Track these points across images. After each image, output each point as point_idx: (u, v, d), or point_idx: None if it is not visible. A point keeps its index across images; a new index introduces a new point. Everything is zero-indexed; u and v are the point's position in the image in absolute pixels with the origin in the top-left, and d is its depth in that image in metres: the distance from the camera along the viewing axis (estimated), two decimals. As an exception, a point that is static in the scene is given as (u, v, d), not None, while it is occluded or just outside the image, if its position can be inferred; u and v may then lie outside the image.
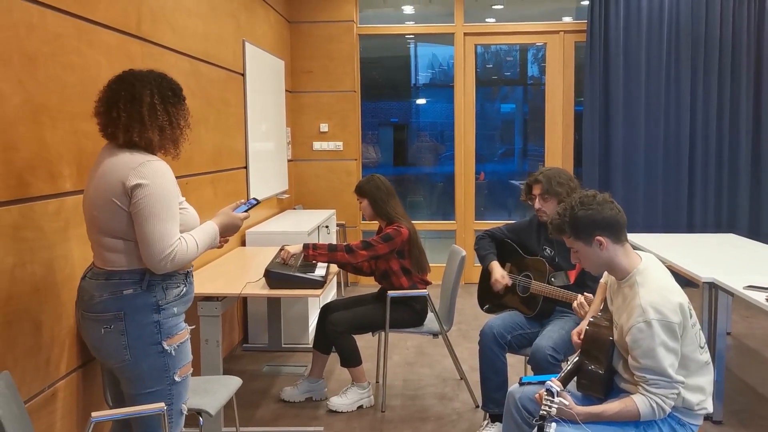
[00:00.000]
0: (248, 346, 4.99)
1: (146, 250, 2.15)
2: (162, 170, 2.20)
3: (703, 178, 6.49)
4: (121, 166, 2.18)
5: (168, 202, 2.18)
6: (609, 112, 6.49)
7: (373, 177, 3.96)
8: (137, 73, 2.28)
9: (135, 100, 2.20)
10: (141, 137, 2.21)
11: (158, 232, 2.14)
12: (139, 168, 2.17)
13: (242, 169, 5.07)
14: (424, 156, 7.75)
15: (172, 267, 2.19)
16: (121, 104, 2.20)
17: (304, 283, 3.41)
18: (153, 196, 2.15)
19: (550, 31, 6.81)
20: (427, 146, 7.76)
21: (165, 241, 2.15)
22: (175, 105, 2.29)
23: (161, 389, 2.27)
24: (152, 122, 2.21)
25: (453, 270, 3.95)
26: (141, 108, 2.20)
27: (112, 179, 2.18)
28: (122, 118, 2.20)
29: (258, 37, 5.49)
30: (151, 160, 2.20)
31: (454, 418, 3.75)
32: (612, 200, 2.38)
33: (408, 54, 7.73)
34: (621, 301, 2.36)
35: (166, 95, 2.26)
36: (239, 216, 2.52)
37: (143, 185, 2.15)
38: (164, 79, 2.29)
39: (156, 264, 2.16)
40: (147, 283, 2.22)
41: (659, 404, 2.21)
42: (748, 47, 6.35)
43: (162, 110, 2.23)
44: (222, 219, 2.47)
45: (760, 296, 3.12)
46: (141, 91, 2.21)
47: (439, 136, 7.75)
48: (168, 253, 2.15)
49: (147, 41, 3.40)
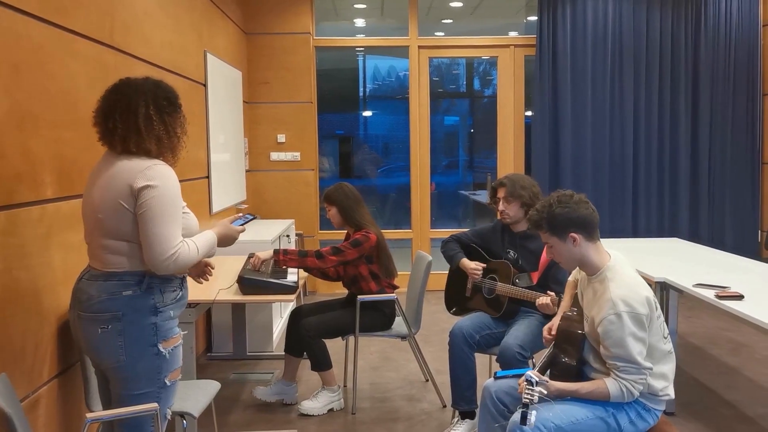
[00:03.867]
0: (213, 355, 5.00)
1: (150, 250, 2.19)
2: (168, 174, 2.26)
3: (646, 186, 6.81)
4: (129, 170, 2.22)
5: (174, 204, 2.23)
6: (557, 123, 6.76)
7: (341, 185, 4.06)
8: (132, 82, 2.31)
9: (131, 112, 2.24)
10: (138, 148, 2.25)
11: (164, 233, 2.19)
12: (146, 171, 2.22)
13: (205, 179, 5.10)
14: (366, 168, 7.89)
15: (174, 268, 2.24)
16: (117, 115, 2.24)
17: (277, 288, 3.47)
18: (161, 198, 2.20)
19: (501, 45, 7.06)
20: (368, 158, 7.91)
21: (170, 242, 2.20)
22: (171, 114, 2.33)
23: (151, 391, 2.30)
24: (149, 133, 2.26)
25: (420, 274, 4.07)
26: (137, 119, 2.24)
27: (119, 182, 2.22)
28: (119, 130, 2.24)
29: (218, 49, 5.54)
30: (157, 164, 2.25)
31: (424, 417, 3.86)
32: (587, 201, 2.56)
33: (357, 66, 7.86)
34: (592, 295, 2.53)
35: (161, 105, 2.30)
36: (237, 229, 2.58)
37: (152, 186, 2.19)
38: (160, 88, 2.33)
39: (159, 264, 2.21)
40: (146, 285, 2.27)
41: (628, 388, 2.39)
42: (686, 61, 6.72)
43: (158, 120, 2.28)
44: (221, 230, 2.52)
45: (709, 293, 3.34)
46: (136, 101, 2.25)
47: (382, 148, 7.91)
48: (171, 254, 2.20)
49: (120, 51, 3.43)
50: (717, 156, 6.82)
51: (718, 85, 6.75)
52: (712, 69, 6.73)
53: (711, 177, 6.85)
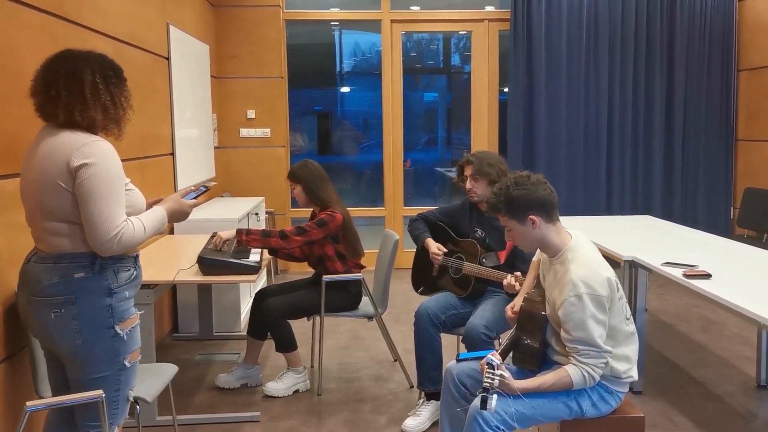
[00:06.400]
0: (178, 335, 4.91)
1: (91, 231, 2.10)
2: (107, 150, 2.15)
3: (620, 164, 6.77)
4: (64, 147, 2.12)
5: (114, 182, 2.13)
6: (532, 100, 6.68)
7: (306, 163, 3.95)
8: (77, 52, 2.22)
9: (76, 79, 2.14)
10: (83, 116, 2.15)
11: (104, 213, 2.09)
12: (83, 148, 2.11)
13: (169, 155, 4.96)
14: (346, 145, 7.77)
15: (118, 249, 2.14)
16: (61, 83, 2.14)
17: (238, 268, 3.38)
18: (98, 176, 2.10)
19: (474, 20, 6.94)
20: (349, 135, 7.79)
21: (111, 222, 2.10)
22: (117, 85, 2.24)
23: (111, 374, 2.23)
24: (95, 101, 2.16)
25: (387, 253, 4.00)
26: (83, 86, 2.14)
27: (56, 160, 2.11)
28: (62, 97, 2.14)
29: (183, 21, 5.37)
30: (94, 140, 2.14)
31: (390, 398, 3.81)
32: (545, 181, 2.48)
33: (333, 41, 7.71)
34: (553, 277, 2.47)
35: (107, 75, 2.21)
36: (188, 203, 2.48)
37: (88, 165, 2.09)
38: (105, 60, 2.24)
39: (101, 246, 2.11)
40: (99, 267, 2.18)
41: (590, 373, 2.33)
42: (661, 36, 6.66)
43: (104, 89, 2.18)
44: (171, 205, 2.41)
45: (677, 272, 3.30)
46: (83, 69, 2.16)
47: (362, 125, 7.79)
48: (114, 235, 2.11)
49: (71, 22, 3.28)
50: (691, 133, 6.79)
51: (693, 61, 6.70)
52: (687, 45, 6.67)
53: (685, 154, 6.82)
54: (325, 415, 3.59)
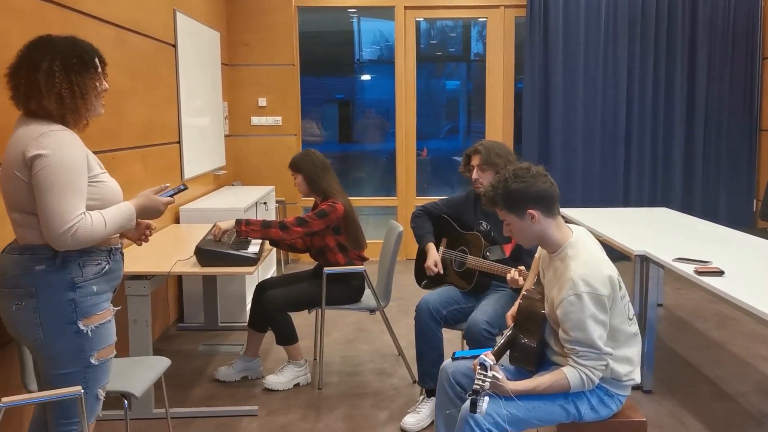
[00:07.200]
0: (183, 325, 4.87)
1: (45, 224, 2.03)
2: (66, 141, 2.07)
3: (638, 155, 6.60)
4: (23, 137, 2.06)
5: (70, 174, 2.04)
6: (549, 89, 6.52)
7: (307, 152, 3.87)
8: (48, 38, 2.14)
9: (33, 67, 2.08)
10: (39, 106, 2.08)
11: (58, 206, 2.02)
12: (40, 138, 2.04)
13: (175, 144, 4.91)
14: (370, 133, 7.65)
15: (74, 244, 2.06)
16: (22, 72, 2.08)
17: (236, 260, 3.32)
18: (53, 168, 2.02)
19: (490, 6, 6.78)
20: (373, 123, 7.67)
21: (65, 215, 2.02)
22: (80, 74, 2.13)
23: (76, 371, 2.16)
24: (49, 90, 2.07)
25: (390, 246, 3.91)
26: (38, 75, 2.07)
27: (15, 151, 2.06)
28: (21, 86, 2.08)
29: (191, 7, 5.30)
30: (54, 130, 2.07)
31: (392, 393, 3.73)
32: (546, 174, 2.36)
33: (351, 29, 7.60)
34: (552, 275, 2.36)
35: (69, 62, 2.11)
36: (162, 200, 2.36)
37: (43, 156, 2.02)
38: (76, 46, 2.14)
39: (55, 240, 2.04)
40: (61, 260, 2.11)
41: (588, 375, 2.22)
42: (683, 24, 6.45)
43: (62, 78, 2.09)
44: (141, 201, 2.31)
45: (688, 268, 3.17)
46: (41, 57, 2.08)
47: (386, 112, 7.67)
48: (68, 228, 2.02)
49: (66, 7, 3.22)
50: (713, 123, 6.59)
51: (716, 49, 6.48)
52: (710, 33, 6.46)
53: (706, 145, 6.63)
54: (324, 410, 3.52)
